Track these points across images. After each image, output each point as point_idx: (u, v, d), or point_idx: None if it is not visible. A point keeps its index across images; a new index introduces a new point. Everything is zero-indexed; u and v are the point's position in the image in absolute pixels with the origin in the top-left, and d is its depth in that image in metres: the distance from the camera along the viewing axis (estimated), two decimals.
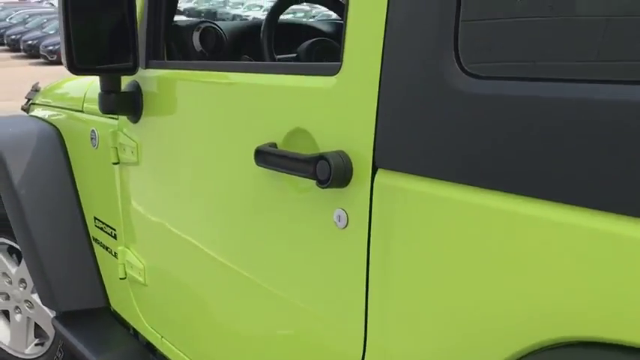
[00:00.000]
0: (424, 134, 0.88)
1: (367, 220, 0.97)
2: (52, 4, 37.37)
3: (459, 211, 0.84)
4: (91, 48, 1.44)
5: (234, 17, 30.00)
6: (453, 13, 0.83)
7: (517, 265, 0.77)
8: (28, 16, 26.71)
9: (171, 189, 1.54)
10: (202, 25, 1.76)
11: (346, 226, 1.01)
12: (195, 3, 35.51)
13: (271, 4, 1.94)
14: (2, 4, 37.32)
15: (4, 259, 2.40)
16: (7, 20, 27.23)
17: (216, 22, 1.82)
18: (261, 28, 1.71)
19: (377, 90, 0.93)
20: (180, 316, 1.59)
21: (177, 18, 1.77)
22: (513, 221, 0.77)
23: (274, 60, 1.72)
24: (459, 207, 0.83)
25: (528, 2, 0.82)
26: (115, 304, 1.95)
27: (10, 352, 2.47)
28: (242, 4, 33.08)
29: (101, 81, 1.52)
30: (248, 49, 1.84)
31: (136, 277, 1.70)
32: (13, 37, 22.66)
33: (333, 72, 1.01)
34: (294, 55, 1.79)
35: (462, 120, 0.83)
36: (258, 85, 1.21)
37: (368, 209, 0.96)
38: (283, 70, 1.19)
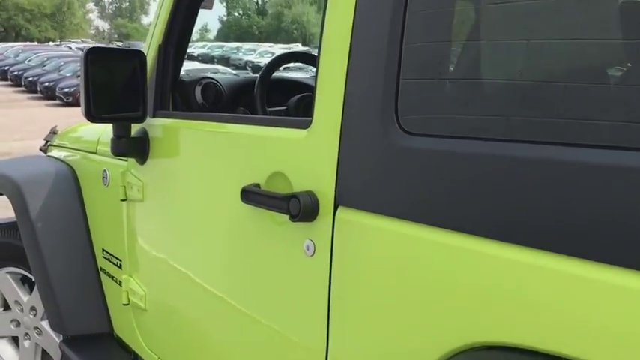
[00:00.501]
0: (373, 178, 1.08)
1: (330, 249, 1.16)
2: (70, 48, 38.49)
3: (398, 240, 1.03)
4: (106, 99, 1.66)
5: (247, 63, 31.07)
6: (394, 81, 1.04)
7: (440, 287, 0.96)
8: (46, 58, 27.44)
9: (170, 223, 1.74)
10: (204, 81, 1.99)
11: (313, 254, 1.20)
12: (208, 49, 36.52)
13: (280, 51, 2.16)
14: (22, 46, 38.42)
15: (17, 288, 2.58)
16: (26, 62, 28.02)
17: (216, 78, 2.06)
18: (255, 84, 1.94)
19: (338, 142, 1.13)
20: (175, 337, 1.77)
21: (190, 66, 1.99)
22: (440, 250, 0.96)
23: (265, 112, 1.94)
24: (399, 237, 1.03)
25: (448, 71, 1.02)
26: (118, 329, 2.13)
27: None
28: (254, 50, 34.21)
29: (114, 127, 1.75)
30: (244, 102, 2.07)
31: (137, 302, 1.89)
32: (30, 78, 23.31)
33: (305, 126, 1.22)
34: (285, 107, 2.01)
35: (399, 168, 1.03)
36: (246, 134, 1.42)
37: (330, 239, 1.16)
38: (267, 123, 1.40)
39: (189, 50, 1.97)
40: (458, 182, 0.94)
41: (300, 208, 1.16)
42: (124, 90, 1.70)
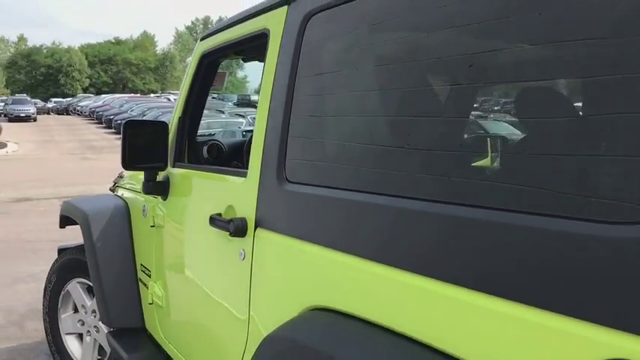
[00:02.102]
0: (273, 209, 1.72)
1: (251, 255, 1.80)
2: (168, 99, 41.61)
3: (284, 248, 1.66)
4: (138, 153, 2.39)
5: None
6: (284, 150, 1.69)
7: (300, 275, 1.57)
8: (146, 109, 29.70)
9: (176, 241, 2.43)
10: (210, 142, 2.72)
11: (244, 259, 1.84)
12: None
13: None
14: (126, 98, 41.80)
15: (83, 295, 3.36)
16: (129, 112, 30.60)
17: (220, 140, 2.77)
18: (245, 145, 2.64)
19: (258, 186, 1.79)
20: (178, 325, 2.44)
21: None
22: (302, 254, 1.58)
23: None
24: (284, 246, 1.65)
25: (306, 146, 1.65)
26: (147, 324, 2.83)
27: None
28: None
29: (145, 174, 2.48)
30: (238, 157, 2.77)
31: (157, 302, 2.58)
32: None
33: (244, 175, 1.88)
34: None
35: (285, 203, 1.67)
36: (219, 180, 2.11)
37: (252, 249, 1.80)
38: (229, 173, 2.08)
39: None
40: (313, 211, 1.57)
41: (234, 228, 1.81)
42: (152, 148, 2.43)
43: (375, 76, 1.50)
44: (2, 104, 43.81)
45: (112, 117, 31.58)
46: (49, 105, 53.17)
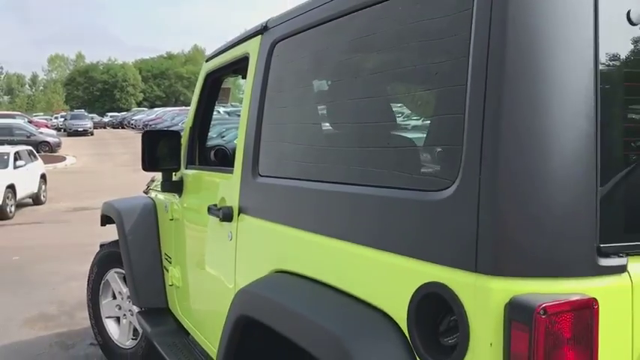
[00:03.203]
0: (251, 197, 2.16)
1: (236, 236, 2.24)
2: (218, 112, 42.68)
3: (257, 228, 2.09)
4: (155, 157, 2.87)
5: None
6: (257, 151, 2.12)
7: (269, 246, 2.00)
8: None
9: (187, 229, 2.90)
10: (217, 147, 3.18)
11: (231, 239, 2.28)
12: None
13: None
14: (177, 110, 43.02)
15: (120, 283, 3.87)
16: (180, 124, 31.65)
17: (226, 146, 3.23)
18: None
19: (240, 180, 2.23)
20: (189, 300, 2.90)
21: None
22: (270, 231, 2.00)
23: None
24: (258, 227, 2.08)
25: (270, 148, 2.08)
26: (169, 304, 3.30)
27: (118, 344, 3.90)
28: None
29: (162, 175, 2.96)
30: None
31: (175, 283, 3.04)
32: None
33: (231, 172, 2.32)
34: None
35: (257, 192, 2.10)
36: (216, 177, 2.56)
37: (236, 231, 2.23)
38: (220, 171, 2.53)
39: None
40: (274, 197, 2.00)
41: (222, 214, 2.25)
42: (167, 153, 2.91)
43: (315, 93, 1.93)
44: (62, 119, 45.94)
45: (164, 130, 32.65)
46: (105, 119, 55.12)
